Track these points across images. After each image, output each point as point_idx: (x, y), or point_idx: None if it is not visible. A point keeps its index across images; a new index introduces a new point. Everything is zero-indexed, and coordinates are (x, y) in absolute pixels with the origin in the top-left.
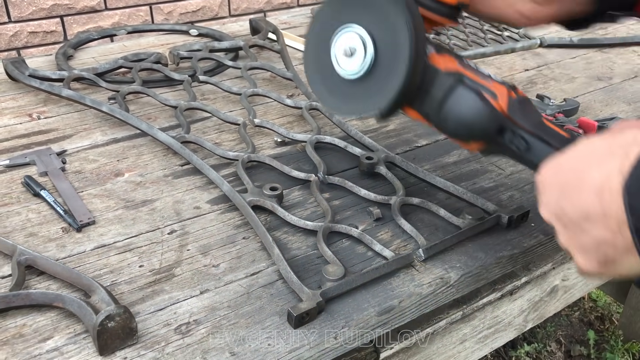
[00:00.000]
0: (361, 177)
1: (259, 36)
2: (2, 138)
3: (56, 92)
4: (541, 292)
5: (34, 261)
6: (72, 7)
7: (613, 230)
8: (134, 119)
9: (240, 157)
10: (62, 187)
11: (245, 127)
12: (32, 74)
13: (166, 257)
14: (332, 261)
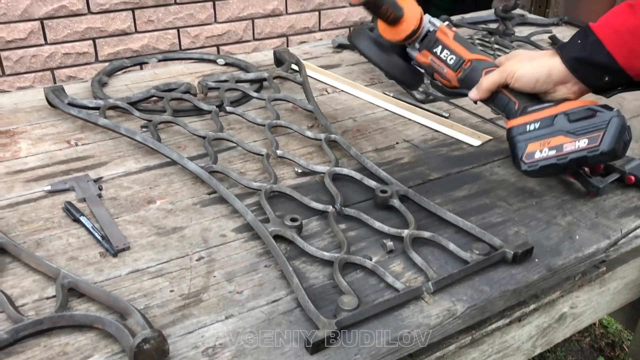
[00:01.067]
0: (376, 209)
1: (283, 68)
2: (44, 164)
3: (93, 121)
4: (549, 319)
5: (75, 284)
6: (104, 30)
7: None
8: (166, 149)
9: (263, 188)
10: (99, 213)
11: (268, 158)
12: (70, 102)
13: (194, 283)
14: (347, 291)
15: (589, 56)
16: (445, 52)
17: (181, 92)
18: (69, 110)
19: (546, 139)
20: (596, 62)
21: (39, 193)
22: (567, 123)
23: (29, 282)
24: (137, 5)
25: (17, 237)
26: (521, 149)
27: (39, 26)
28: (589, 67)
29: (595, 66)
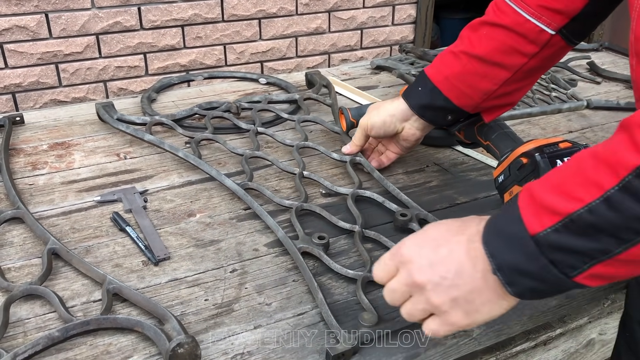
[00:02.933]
0: (396, 231)
1: (313, 90)
2: (95, 175)
3: (139, 136)
4: (577, 344)
5: (119, 290)
6: (154, 45)
7: (481, 278)
8: (206, 165)
9: (294, 206)
10: (143, 224)
11: (300, 177)
12: (119, 118)
13: (227, 293)
14: (368, 308)
15: (431, 102)
16: None
17: (222, 111)
18: (117, 126)
19: (510, 189)
20: (437, 105)
21: (90, 203)
22: (516, 172)
23: (79, 286)
24: (186, 22)
25: (69, 243)
26: (502, 200)
27: (94, 41)
28: (433, 110)
29: (437, 109)
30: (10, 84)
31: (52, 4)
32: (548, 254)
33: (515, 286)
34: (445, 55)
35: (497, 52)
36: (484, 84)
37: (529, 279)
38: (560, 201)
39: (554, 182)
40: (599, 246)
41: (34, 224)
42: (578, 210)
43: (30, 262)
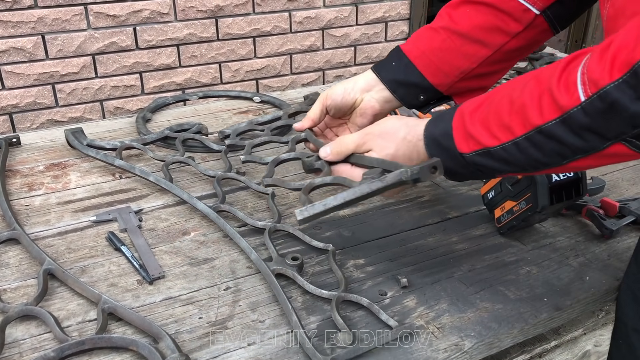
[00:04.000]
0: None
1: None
2: (90, 195)
3: (109, 162)
4: (572, 356)
5: (114, 309)
6: (150, 65)
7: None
8: (177, 189)
9: (267, 227)
10: (138, 243)
11: (273, 198)
12: (89, 144)
13: (221, 311)
14: (342, 328)
15: (405, 78)
16: None
17: (193, 133)
18: (87, 152)
19: (501, 205)
20: (411, 82)
21: (85, 223)
22: (509, 187)
23: (74, 306)
24: (181, 41)
25: (65, 263)
26: (492, 215)
27: (90, 61)
28: (405, 87)
29: (411, 86)
30: (7, 105)
31: (49, 25)
32: (473, 166)
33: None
34: (423, 31)
35: (479, 29)
36: (462, 61)
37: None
38: (483, 135)
39: (481, 114)
40: (508, 169)
41: (30, 244)
42: (496, 147)
43: (26, 282)
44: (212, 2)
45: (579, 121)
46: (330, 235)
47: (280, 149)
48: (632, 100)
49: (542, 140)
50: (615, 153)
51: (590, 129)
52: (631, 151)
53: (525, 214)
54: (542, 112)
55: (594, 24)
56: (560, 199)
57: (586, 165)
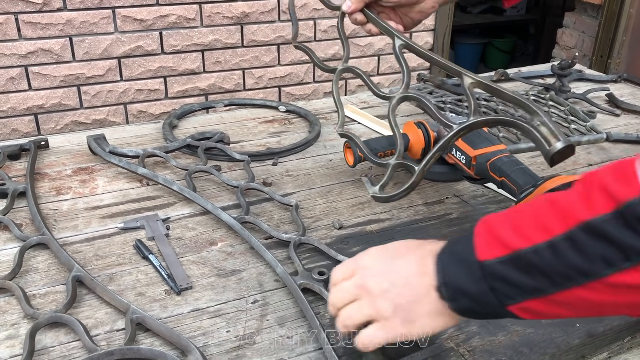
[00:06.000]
0: None
1: None
2: (118, 202)
3: (132, 170)
4: None
5: (143, 320)
6: (174, 69)
7: (425, 292)
8: (201, 199)
9: (292, 240)
10: (166, 252)
11: (297, 210)
12: (111, 151)
13: (249, 325)
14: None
15: None
16: (457, 152)
17: (214, 142)
18: (109, 159)
19: None
20: None
21: (113, 229)
22: None
23: (102, 314)
24: (206, 47)
25: (93, 270)
26: None
27: (116, 64)
28: None
29: None
30: (33, 105)
31: (77, 28)
32: (490, 281)
33: (456, 302)
34: None
35: None
36: None
37: (469, 300)
38: (512, 237)
39: (510, 218)
40: (535, 284)
41: (59, 250)
42: (525, 249)
43: (55, 288)
44: (238, 8)
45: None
46: (357, 251)
47: None
48: None
49: (586, 240)
50: None
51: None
52: None
53: None
54: (591, 206)
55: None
56: None
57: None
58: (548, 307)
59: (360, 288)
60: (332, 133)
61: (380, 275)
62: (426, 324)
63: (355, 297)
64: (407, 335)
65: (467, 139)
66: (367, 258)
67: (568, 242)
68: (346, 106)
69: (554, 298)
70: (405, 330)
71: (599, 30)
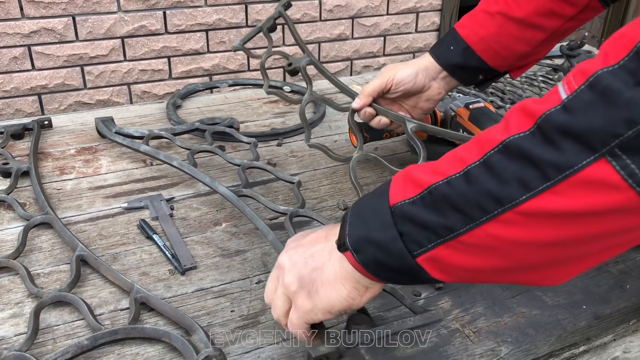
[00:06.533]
0: None
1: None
2: (122, 181)
3: (135, 147)
4: None
5: (147, 299)
6: (178, 49)
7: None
8: (200, 174)
9: (289, 211)
10: (170, 232)
11: (299, 186)
12: (117, 131)
13: (253, 305)
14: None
15: (464, 62)
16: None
17: (224, 126)
18: (114, 138)
19: None
20: (471, 66)
21: (117, 209)
22: None
23: (106, 294)
24: (210, 27)
25: (97, 250)
26: None
27: (120, 44)
28: (465, 71)
29: (470, 69)
30: (37, 85)
31: (80, 7)
32: (399, 225)
33: (362, 254)
34: (479, 14)
35: (535, 15)
36: (519, 45)
37: (376, 249)
38: (427, 175)
39: (431, 163)
40: (446, 222)
41: (63, 230)
42: (437, 182)
43: (59, 268)
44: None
45: (557, 122)
46: None
47: None
48: (630, 86)
49: (502, 162)
50: (594, 180)
51: (569, 130)
52: (617, 178)
53: None
54: (508, 128)
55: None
56: None
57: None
58: (458, 256)
59: (278, 269)
60: (338, 114)
61: (292, 249)
62: (331, 293)
63: (277, 282)
64: (316, 310)
65: (474, 119)
66: (282, 255)
67: (483, 167)
68: (352, 86)
69: (465, 239)
70: (310, 304)
71: (608, 11)
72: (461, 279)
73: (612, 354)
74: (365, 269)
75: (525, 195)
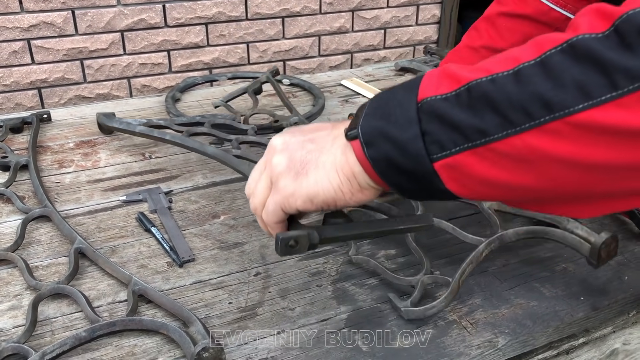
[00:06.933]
0: None
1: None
2: (120, 174)
3: (131, 129)
4: (600, 354)
5: (145, 291)
6: (178, 43)
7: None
8: (190, 141)
9: None
10: (168, 224)
11: None
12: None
13: (251, 297)
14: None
15: None
16: None
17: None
18: (113, 124)
19: None
20: None
21: (115, 202)
22: None
23: (104, 286)
24: (210, 20)
25: (95, 242)
26: None
27: (119, 37)
28: None
29: None
30: (37, 80)
31: (79, 0)
32: (424, 123)
33: (373, 148)
34: (463, 50)
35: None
36: None
37: (391, 145)
38: (468, 72)
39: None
40: (480, 124)
41: (61, 222)
42: (480, 79)
43: (57, 260)
44: None
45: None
46: None
47: None
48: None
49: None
50: None
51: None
52: None
53: None
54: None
55: None
56: None
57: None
58: (483, 166)
59: (267, 153)
60: (337, 106)
61: (289, 134)
62: (322, 178)
63: (263, 169)
64: (296, 194)
65: None
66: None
67: (539, 67)
68: (351, 79)
69: (497, 147)
70: (293, 187)
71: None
72: (476, 195)
73: (612, 345)
74: (372, 166)
75: (582, 103)
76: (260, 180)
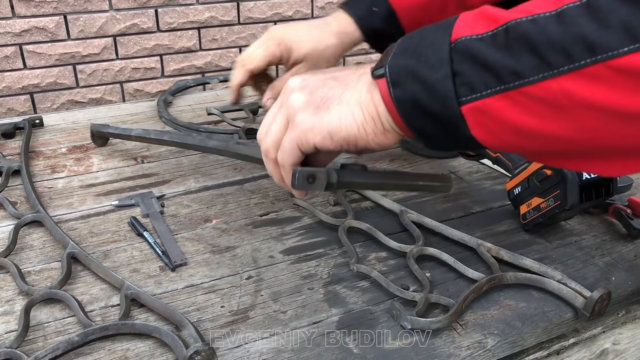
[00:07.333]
0: None
1: None
2: (113, 179)
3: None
4: (590, 354)
5: (137, 295)
6: (171, 47)
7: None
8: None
9: None
10: (160, 229)
11: None
12: None
13: (243, 300)
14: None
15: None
16: None
17: None
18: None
19: (528, 201)
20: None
21: (108, 207)
22: (537, 184)
23: (97, 290)
24: (203, 24)
25: (88, 247)
26: (517, 211)
27: (112, 42)
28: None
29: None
30: (29, 85)
31: (71, 5)
32: (456, 63)
33: (400, 88)
34: None
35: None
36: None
37: (419, 85)
38: (508, 13)
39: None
40: (515, 66)
41: (54, 227)
42: (520, 18)
43: (50, 265)
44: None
45: None
46: None
47: None
48: None
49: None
50: None
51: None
52: None
53: (553, 212)
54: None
55: None
56: (590, 197)
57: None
58: (514, 111)
59: (284, 93)
60: None
61: (309, 74)
62: (345, 113)
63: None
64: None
65: None
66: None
67: (584, 8)
68: None
69: (532, 91)
70: (312, 122)
71: None
72: (502, 144)
73: (602, 345)
74: (396, 108)
75: (628, 46)
76: (275, 121)
